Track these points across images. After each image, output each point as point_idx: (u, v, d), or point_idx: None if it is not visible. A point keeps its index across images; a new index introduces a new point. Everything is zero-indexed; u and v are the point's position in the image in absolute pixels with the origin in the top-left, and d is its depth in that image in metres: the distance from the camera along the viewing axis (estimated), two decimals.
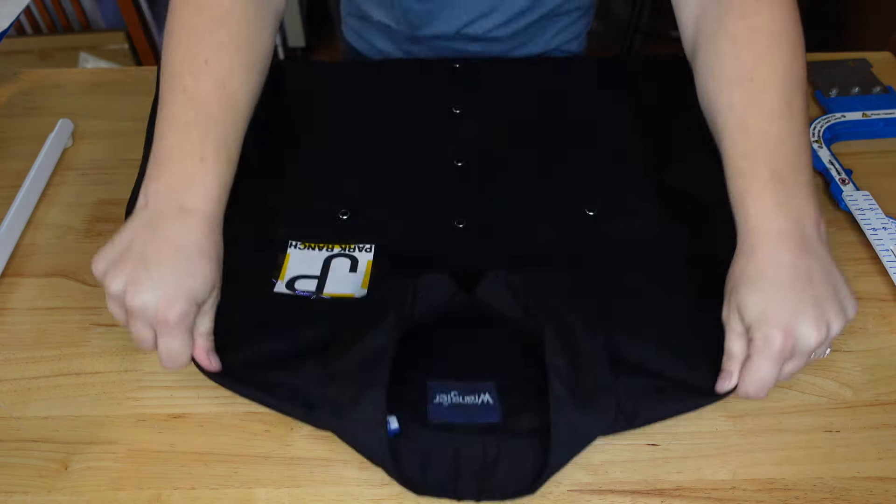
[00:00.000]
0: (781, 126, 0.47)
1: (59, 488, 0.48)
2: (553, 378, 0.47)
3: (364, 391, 0.46)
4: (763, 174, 0.46)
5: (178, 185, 0.47)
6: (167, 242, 0.46)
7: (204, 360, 0.49)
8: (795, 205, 0.46)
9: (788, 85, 0.48)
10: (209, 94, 0.49)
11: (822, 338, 0.44)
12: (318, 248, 0.62)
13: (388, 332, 0.49)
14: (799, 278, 0.44)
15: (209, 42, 0.50)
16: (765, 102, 0.48)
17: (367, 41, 0.87)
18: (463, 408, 0.49)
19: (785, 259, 0.45)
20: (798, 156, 0.47)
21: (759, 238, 0.46)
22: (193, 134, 0.48)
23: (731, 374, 0.47)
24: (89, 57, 1.90)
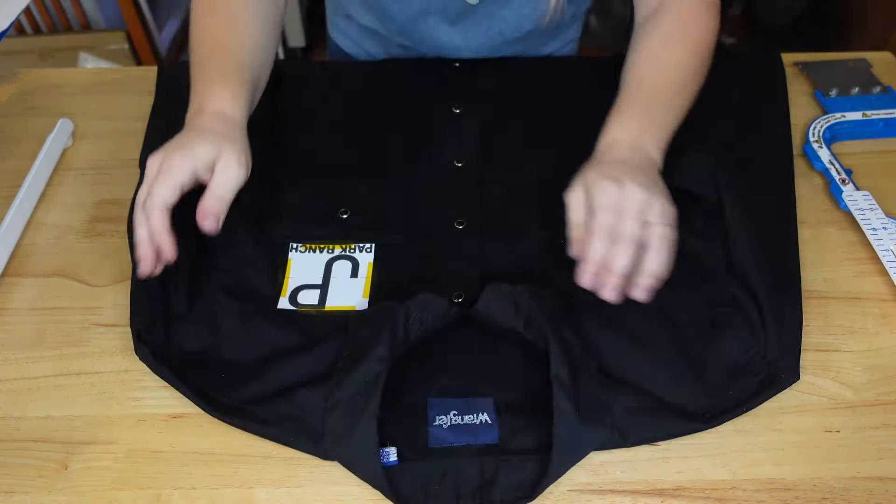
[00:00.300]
0: (666, 96, 0.60)
1: (59, 488, 0.48)
2: (558, 389, 0.47)
3: (357, 421, 0.47)
4: (635, 115, 0.58)
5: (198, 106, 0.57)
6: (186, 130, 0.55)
7: (200, 215, 0.52)
8: (647, 144, 0.57)
9: (688, 79, 0.61)
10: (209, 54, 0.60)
11: (645, 200, 0.51)
12: (319, 250, 0.62)
13: (381, 359, 0.49)
14: (636, 169, 0.53)
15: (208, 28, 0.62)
16: (665, 77, 0.60)
17: (354, 42, 0.86)
18: (462, 428, 0.50)
19: (628, 158, 0.55)
20: (664, 120, 0.59)
21: (614, 145, 0.57)
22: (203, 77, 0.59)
23: (581, 240, 0.52)
24: (89, 57, 1.90)
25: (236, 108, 0.57)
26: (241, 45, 0.61)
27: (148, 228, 0.51)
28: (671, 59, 0.61)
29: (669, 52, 0.62)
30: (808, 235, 0.63)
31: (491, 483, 0.47)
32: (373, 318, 0.52)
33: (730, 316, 0.55)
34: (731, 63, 0.76)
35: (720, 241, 0.60)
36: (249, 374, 0.53)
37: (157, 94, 0.76)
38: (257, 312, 0.56)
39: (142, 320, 0.54)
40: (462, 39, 0.78)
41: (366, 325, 0.52)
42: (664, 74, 0.61)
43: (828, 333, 0.56)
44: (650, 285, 0.50)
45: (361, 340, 0.52)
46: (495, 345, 0.55)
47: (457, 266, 0.60)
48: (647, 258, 0.50)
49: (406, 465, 0.48)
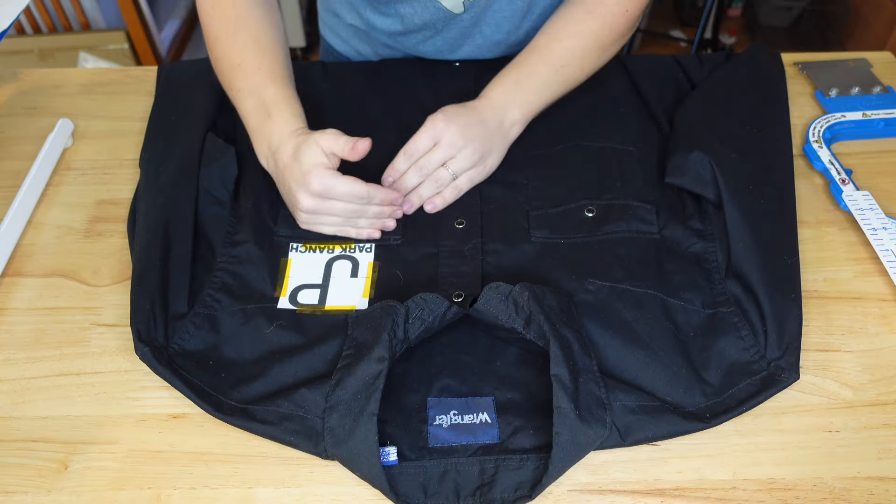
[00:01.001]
0: (547, 68, 0.67)
1: (59, 488, 0.48)
2: (557, 389, 0.47)
3: (357, 421, 0.47)
4: (512, 78, 0.66)
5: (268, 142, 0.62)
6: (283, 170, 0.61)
7: (354, 153, 0.59)
8: (513, 105, 0.66)
9: (571, 56, 0.67)
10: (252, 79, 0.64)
11: (458, 145, 0.62)
12: (319, 250, 0.62)
13: (381, 359, 0.49)
14: (480, 124, 0.63)
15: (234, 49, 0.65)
16: (549, 53, 0.67)
17: (343, 40, 0.86)
18: (462, 427, 0.50)
19: (484, 115, 0.64)
20: (540, 88, 0.67)
21: (480, 100, 0.66)
22: (257, 108, 0.64)
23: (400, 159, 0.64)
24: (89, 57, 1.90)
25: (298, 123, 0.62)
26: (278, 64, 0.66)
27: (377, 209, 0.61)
28: (566, 42, 0.67)
29: (567, 35, 0.67)
30: (808, 235, 0.63)
31: (491, 482, 0.47)
32: (373, 317, 0.52)
33: (730, 316, 0.55)
34: (732, 63, 0.76)
35: (720, 241, 0.60)
36: (249, 373, 0.53)
37: (156, 94, 0.76)
38: (257, 312, 0.56)
39: (142, 320, 0.54)
40: (448, 47, 0.78)
41: (366, 324, 0.52)
42: (553, 52, 0.67)
43: (828, 333, 0.56)
44: (413, 201, 0.63)
45: (361, 340, 0.52)
46: (495, 345, 0.55)
47: (457, 266, 0.60)
48: (421, 185, 0.63)
49: (406, 464, 0.48)
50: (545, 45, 0.67)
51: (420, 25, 0.75)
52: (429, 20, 0.74)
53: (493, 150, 0.65)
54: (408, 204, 0.63)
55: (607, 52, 0.70)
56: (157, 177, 0.65)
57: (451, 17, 0.73)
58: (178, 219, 0.60)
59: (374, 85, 0.78)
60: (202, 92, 0.73)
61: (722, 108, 0.69)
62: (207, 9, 0.67)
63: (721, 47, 2.24)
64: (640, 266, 0.58)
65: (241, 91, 0.64)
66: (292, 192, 0.59)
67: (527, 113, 0.67)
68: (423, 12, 0.73)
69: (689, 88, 0.75)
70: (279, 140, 0.61)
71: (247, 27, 0.65)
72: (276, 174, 0.62)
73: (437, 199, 0.64)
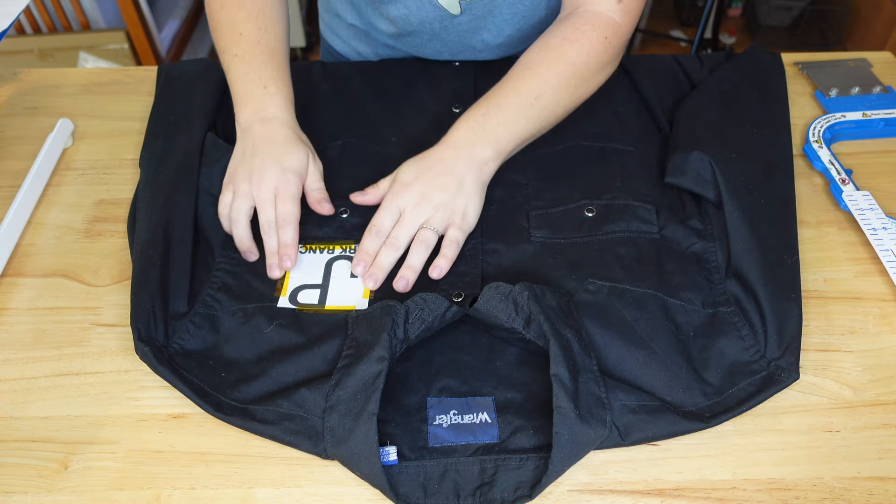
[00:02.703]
0: (519, 100, 0.62)
1: (59, 488, 0.48)
2: (557, 389, 0.47)
3: (357, 420, 0.47)
4: (481, 112, 0.62)
5: (256, 108, 0.63)
6: (261, 143, 0.61)
7: (317, 207, 0.62)
8: (481, 142, 0.61)
9: (547, 88, 0.63)
10: (251, 51, 0.66)
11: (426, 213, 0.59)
12: (320, 251, 0.62)
13: (381, 359, 0.49)
14: (446, 174, 0.60)
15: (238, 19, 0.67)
16: (522, 84, 0.63)
17: (343, 41, 0.87)
18: (462, 427, 0.50)
19: (447, 158, 0.60)
20: (512, 122, 0.62)
21: (445, 141, 0.62)
22: (252, 76, 0.65)
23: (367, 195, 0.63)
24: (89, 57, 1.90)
25: (291, 110, 0.65)
26: (279, 43, 0.67)
27: (279, 242, 0.59)
28: (540, 71, 0.63)
29: (541, 64, 0.64)
30: (808, 235, 0.63)
31: (491, 482, 0.47)
32: (373, 317, 0.52)
33: (730, 315, 0.55)
34: (732, 63, 0.76)
35: (720, 240, 0.60)
36: (249, 373, 0.53)
37: (156, 94, 0.76)
38: (257, 312, 0.56)
39: (142, 319, 0.54)
40: (448, 52, 0.78)
41: (366, 324, 0.52)
42: (527, 82, 0.63)
43: (828, 333, 0.56)
44: (408, 277, 0.58)
45: (361, 340, 0.52)
46: (495, 345, 0.55)
47: (457, 266, 0.60)
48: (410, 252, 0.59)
49: (406, 464, 0.48)
50: (518, 75, 0.64)
51: (417, 26, 0.75)
52: (425, 19, 0.74)
53: (467, 197, 0.60)
54: (402, 281, 0.57)
55: (587, 84, 0.66)
56: (157, 177, 0.65)
57: (448, 17, 0.73)
58: (178, 218, 0.60)
59: (374, 85, 0.78)
60: (202, 92, 0.73)
61: (722, 108, 0.69)
62: None
63: (721, 47, 2.24)
64: (639, 266, 0.58)
65: (237, 57, 0.65)
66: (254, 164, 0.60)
67: (498, 149, 0.61)
68: (418, 11, 0.73)
69: (689, 88, 0.75)
70: (273, 116, 0.62)
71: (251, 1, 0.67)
72: (247, 139, 0.63)
73: (441, 261, 0.58)
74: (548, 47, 0.65)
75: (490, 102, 0.63)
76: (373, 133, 0.72)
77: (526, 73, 0.63)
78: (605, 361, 0.52)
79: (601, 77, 0.67)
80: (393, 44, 0.80)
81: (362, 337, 0.52)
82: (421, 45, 0.78)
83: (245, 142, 0.63)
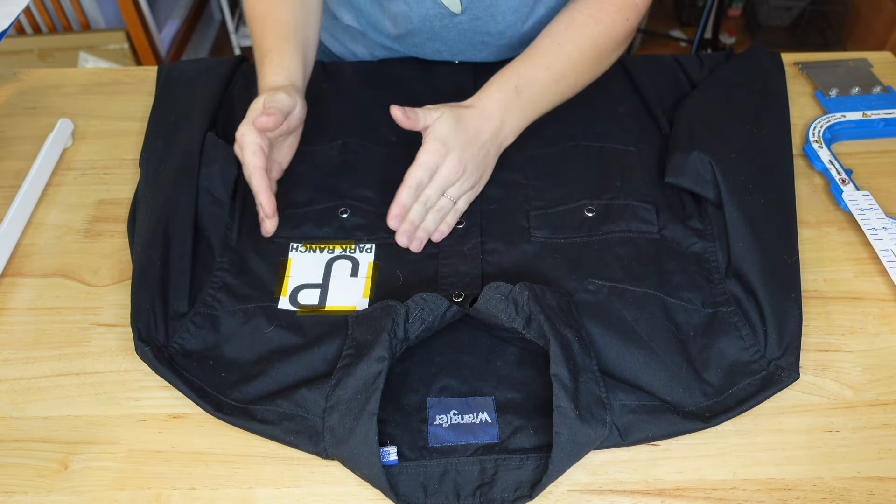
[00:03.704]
0: (545, 77, 0.65)
1: (59, 488, 0.48)
2: (557, 389, 0.47)
3: (357, 420, 0.47)
4: (511, 83, 0.64)
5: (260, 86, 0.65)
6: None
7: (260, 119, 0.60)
8: (510, 113, 0.63)
9: (572, 67, 0.66)
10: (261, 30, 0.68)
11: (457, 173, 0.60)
12: (320, 250, 0.62)
13: (381, 359, 0.49)
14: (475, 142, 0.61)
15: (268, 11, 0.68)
16: (551, 59, 0.65)
17: (340, 42, 0.86)
18: (462, 427, 0.50)
19: (480, 126, 0.62)
20: (540, 98, 0.65)
21: (478, 106, 0.63)
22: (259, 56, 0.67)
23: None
24: (89, 57, 1.90)
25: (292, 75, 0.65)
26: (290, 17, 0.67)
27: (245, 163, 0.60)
28: (568, 48, 0.65)
29: (569, 41, 0.65)
30: (808, 235, 0.63)
31: (491, 482, 0.47)
32: (373, 317, 0.52)
33: (730, 315, 0.55)
34: (732, 63, 0.76)
35: (720, 240, 0.60)
36: (250, 373, 0.53)
37: (156, 94, 0.76)
38: (258, 312, 0.56)
39: (142, 319, 0.54)
40: (449, 52, 0.78)
41: (366, 324, 0.52)
42: (555, 58, 0.65)
43: (828, 333, 0.56)
44: (422, 238, 0.61)
45: (361, 340, 0.52)
46: (495, 344, 0.55)
47: (457, 265, 0.60)
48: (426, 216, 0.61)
49: (406, 463, 0.48)
50: (546, 48, 0.66)
51: (418, 24, 0.74)
52: (425, 16, 0.73)
53: (487, 168, 0.64)
54: (416, 242, 0.61)
55: (603, 63, 0.69)
56: (157, 176, 0.65)
57: (448, 16, 0.73)
58: (178, 218, 0.60)
59: (374, 85, 0.78)
60: (202, 92, 0.73)
61: (722, 108, 0.69)
62: None
63: (721, 47, 2.24)
64: (640, 266, 0.58)
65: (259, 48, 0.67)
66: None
67: (522, 125, 0.65)
68: (419, 8, 0.73)
69: (689, 88, 0.75)
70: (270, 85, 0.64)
71: None
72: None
73: (443, 227, 0.62)
74: (575, 23, 0.66)
75: (521, 75, 0.64)
76: (373, 133, 0.71)
77: (554, 48, 0.65)
78: (605, 361, 0.52)
79: (614, 58, 0.70)
80: (391, 45, 0.80)
81: (362, 337, 0.52)
82: (420, 44, 0.78)
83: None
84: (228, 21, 2.20)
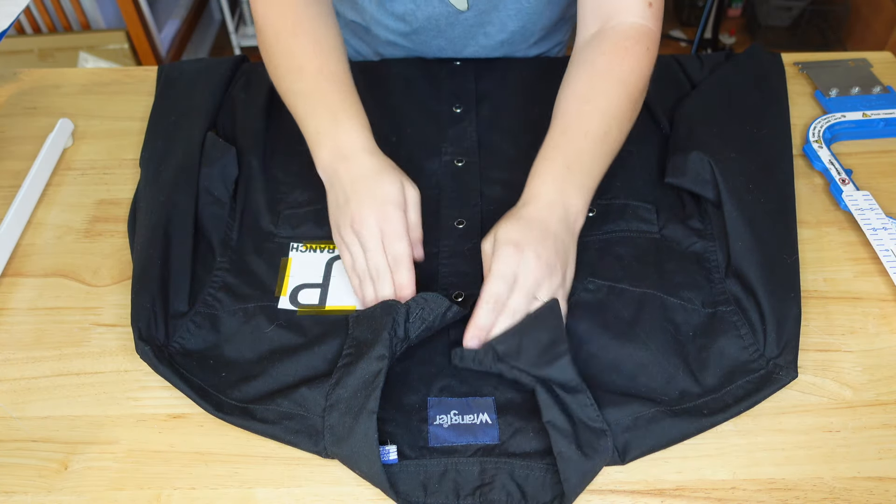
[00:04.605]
0: (591, 142, 0.58)
1: (59, 488, 0.48)
2: (554, 435, 0.47)
3: (357, 419, 0.47)
4: (560, 163, 0.57)
5: (332, 146, 0.58)
6: (350, 184, 0.56)
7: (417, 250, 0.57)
8: (571, 194, 0.56)
9: (611, 120, 0.59)
10: (315, 82, 0.61)
11: (541, 273, 0.51)
12: (320, 250, 0.62)
13: (381, 357, 0.49)
14: (547, 235, 0.53)
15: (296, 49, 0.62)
16: (588, 121, 0.58)
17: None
18: (462, 427, 0.50)
19: (545, 217, 0.54)
20: (593, 167, 0.58)
21: (534, 199, 0.56)
22: (320, 111, 0.60)
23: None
24: (89, 57, 1.90)
25: (369, 135, 0.59)
26: (342, 67, 0.62)
27: (395, 285, 0.54)
28: (600, 103, 0.59)
29: (599, 94, 0.59)
30: (808, 235, 0.63)
31: (491, 482, 0.47)
32: (373, 316, 0.52)
33: (729, 315, 0.55)
34: (732, 63, 0.76)
35: (720, 240, 0.60)
36: (250, 373, 0.53)
37: (157, 94, 0.76)
38: (258, 311, 0.56)
39: (143, 319, 0.54)
40: (452, 47, 0.78)
41: (366, 323, 0.53)
42: (591, 119, 0.58)
43: (828, 333, 0.56)
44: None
45: (362, 339, 0.52)
46: None
47: (457, 266, 0.60)
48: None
49: (406, 462, 0.48)
50: (579, 111, 0.59)
51: (424, 22, 0.74)
52: (432, 15, 0.73)
53: (569, 257, 0.55)
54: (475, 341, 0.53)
55: (639, 103, 0.62)
56: (158, 176, 0.65)
57: (454, 14, 0.73)
58: (179, 218, 0.60)
59: (375, 85, 0.78)
60: (202, 92, 0.73)
61: (722, 108, 0.69)
62: (262, 8, 0.64)
63: (721, 47, 2.24)
64: (639, 265, 0.58)
65: (301, 94, 0.61)
66: (351, 209, 0.55)
67: (586, 200, 0.57)
68: (426, 6, 0.73)
69: (689, 88, 0.75)
70: (351, 150, 0.57)
71: (306, 28, 0.63)
72: (335, 186, 0.58)
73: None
74: (598, 73, 0.60)
75: (565, 151, 0.57)
76: (373, 133, 0.71)
77: (587, 107, 0.59)
78: (603, 361, 0.52)
79: (646, 90, 0.63)
80: (395, 40, 0.80)
81: (363, 336, 0.52)
82: (425, 42, 0.78)
83: (335, 190, 0.58)
84: (228, 21, 2.20)
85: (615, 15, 0.62)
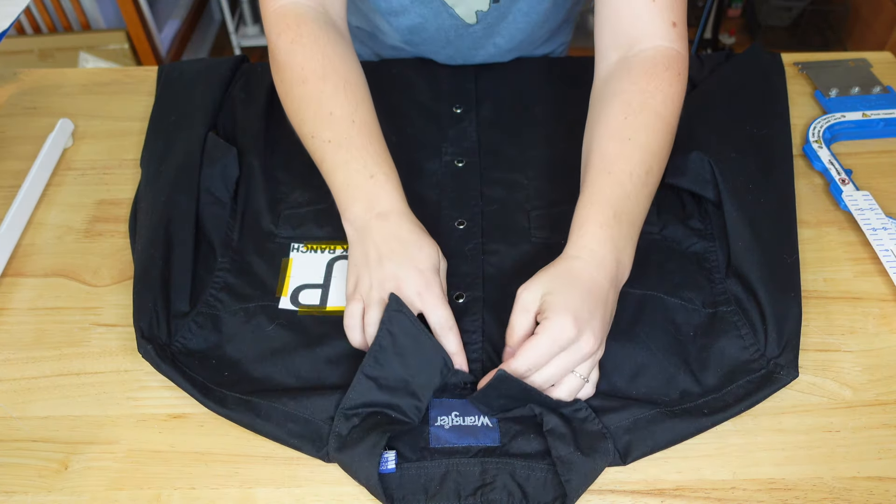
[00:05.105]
0: (635, 184, 0.54)
1: (59, 488, 0.48)
2: (554, 443, 0.47)
3: (368, 432, 0.47)
4: (608, 212, 0.53)
5: (367, 202, 0.55)
6: (384, 243, 0.53)
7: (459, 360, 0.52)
8: (622, 247, 0.52)
9: (652, 158, 0.55)
10: (347, 133, 0.57)
11: (593, 351, 0.48)
12: (321, 250, 0.62)
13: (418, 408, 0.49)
14: (600, 303, 0.49)
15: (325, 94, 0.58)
16: (630, 161, 0.54)
17: None
18: (463, 429, 0.50)
19: (598, 279, 0.50)
20: (639, 212, 0.55)
21: (586, 255, 0.51)
22: (354, 165, 0.56)
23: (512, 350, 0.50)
24: (89, 57, 1.90)
25: (404, 198, 0.56)
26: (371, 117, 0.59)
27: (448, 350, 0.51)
28: (640, 139, 0.55)
29: (638, 129, 0.56)
30: (808, 235, 0.63)
31: (492, 483, 0.47)
32: (420, 350, 0.52)
33: (730, 315, 0.55)
34: (732, 63, 0.76)
35: (720, 240, 0.60)
36: (252, 373, 0.53)
37: (157, 94, 0.76)
38: (259, 311, 0.56)
39: (145, 318, 0.54)
40: (460, 56, 0.78)
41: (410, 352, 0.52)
42: (632, 159, 0.55)
43: (828, 333, 0.56)
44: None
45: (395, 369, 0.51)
46: (496, 345, 0.55)
47: (457, 266, 0.60)
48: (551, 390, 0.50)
49: (407, 465, 0.48)
50: (620, 152, 0.55)
51: (433, 34, 0.74)
52: (441, 27, 0.73)
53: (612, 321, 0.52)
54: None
55: (674, 133, 0.58)
56: (158, 176, 0.65)
57: (463, 26, 0.73)
58: (180, 218, 0.60)
59: (375, 85, 0.77)
60: (202, 92, 0.73)
61: (722, 108, 0.69)
62: (288, 45, 0.59)
63: (721, 47, 2.24)
64: (640, 266, 0.58)
65: (331, 143, 0.57)
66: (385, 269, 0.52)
67: (633, 253, 0.54)
68: (435, 20, 0.72)
69: (690, 88, 0.75)
70: (389, 210, 0.54)
71: (335, 69, 0.59)
72: (367, 240, 0.54)
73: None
74: (632, 108, 0.56)
75: (612, 197, 0.53)
76: None
77: (628, 146, 0.55)
78: (603, 361, 0.52)
79: (678, 119, 0.59)
80: (402, 46, 0.79)
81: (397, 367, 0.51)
82: (434, 52, 0.77)
83: (365, 244, 0.54)
84: (228, 21, 2.20)
85: (637, 41, 0.58)
